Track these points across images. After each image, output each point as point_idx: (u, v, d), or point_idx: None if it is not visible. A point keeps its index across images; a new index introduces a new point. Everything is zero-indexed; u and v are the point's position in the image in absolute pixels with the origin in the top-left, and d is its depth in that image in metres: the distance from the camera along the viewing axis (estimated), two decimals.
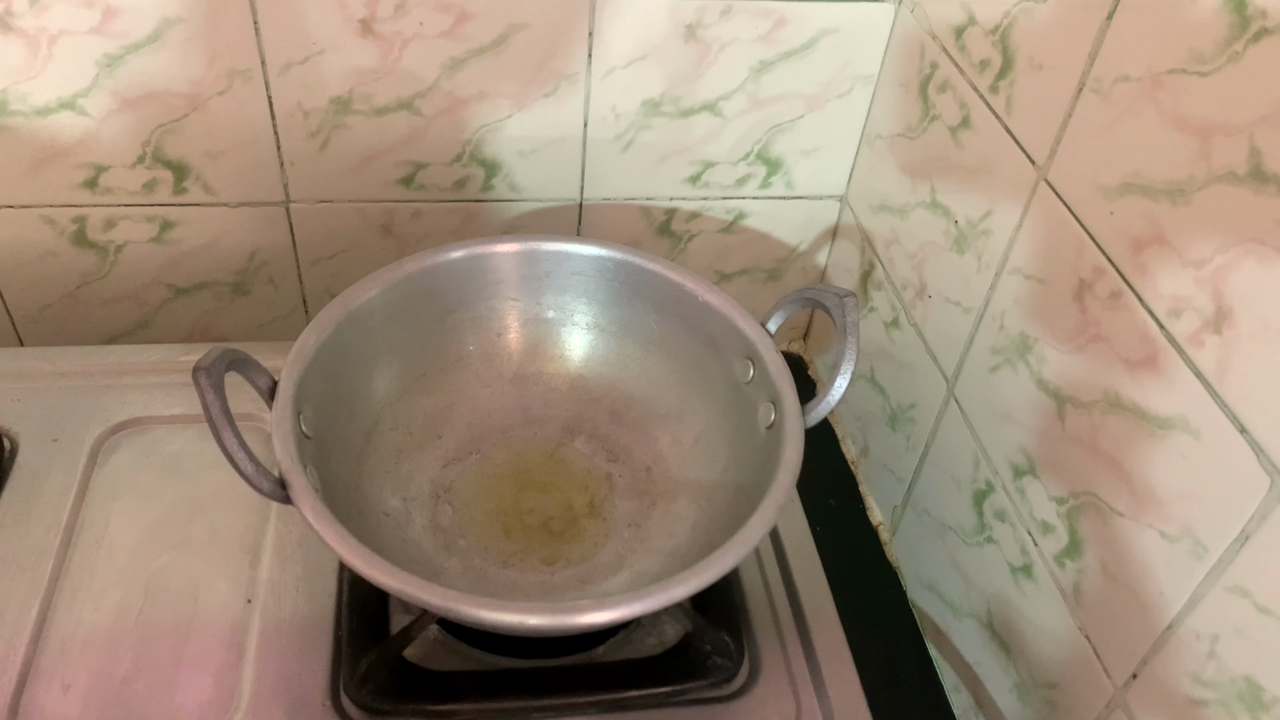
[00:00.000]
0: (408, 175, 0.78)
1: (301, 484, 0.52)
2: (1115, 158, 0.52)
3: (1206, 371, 0.46)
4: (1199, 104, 0.46)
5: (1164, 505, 0.50)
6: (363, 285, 0.64)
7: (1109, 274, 0.53)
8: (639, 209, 0.83)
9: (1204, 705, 0.48)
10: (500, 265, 0.69)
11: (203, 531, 0.63)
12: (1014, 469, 0.62)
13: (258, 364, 0.56)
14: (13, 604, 0.58)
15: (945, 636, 0.72)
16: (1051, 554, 0.59)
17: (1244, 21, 0.44)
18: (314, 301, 0.85)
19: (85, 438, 0.67)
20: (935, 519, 0.73)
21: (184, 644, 0.58)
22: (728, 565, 0.52)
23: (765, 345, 0.63)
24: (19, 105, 0.70)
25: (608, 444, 0.70)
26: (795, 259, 0.90)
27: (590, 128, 0.77)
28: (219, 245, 0.80)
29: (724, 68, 0.75)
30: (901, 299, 0.76)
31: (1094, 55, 0.53)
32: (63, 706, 0.55)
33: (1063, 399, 0.57)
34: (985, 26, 0.63)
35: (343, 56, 0.71)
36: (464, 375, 0.70)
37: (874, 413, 0.83)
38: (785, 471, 0.56)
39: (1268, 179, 0.43)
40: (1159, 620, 0.50)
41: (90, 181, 0.74)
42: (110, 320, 0.83)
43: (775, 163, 0.82)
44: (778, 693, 0.59)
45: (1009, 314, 0.62)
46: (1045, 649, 0.60)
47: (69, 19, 0.66)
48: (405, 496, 0.65)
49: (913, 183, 0.74)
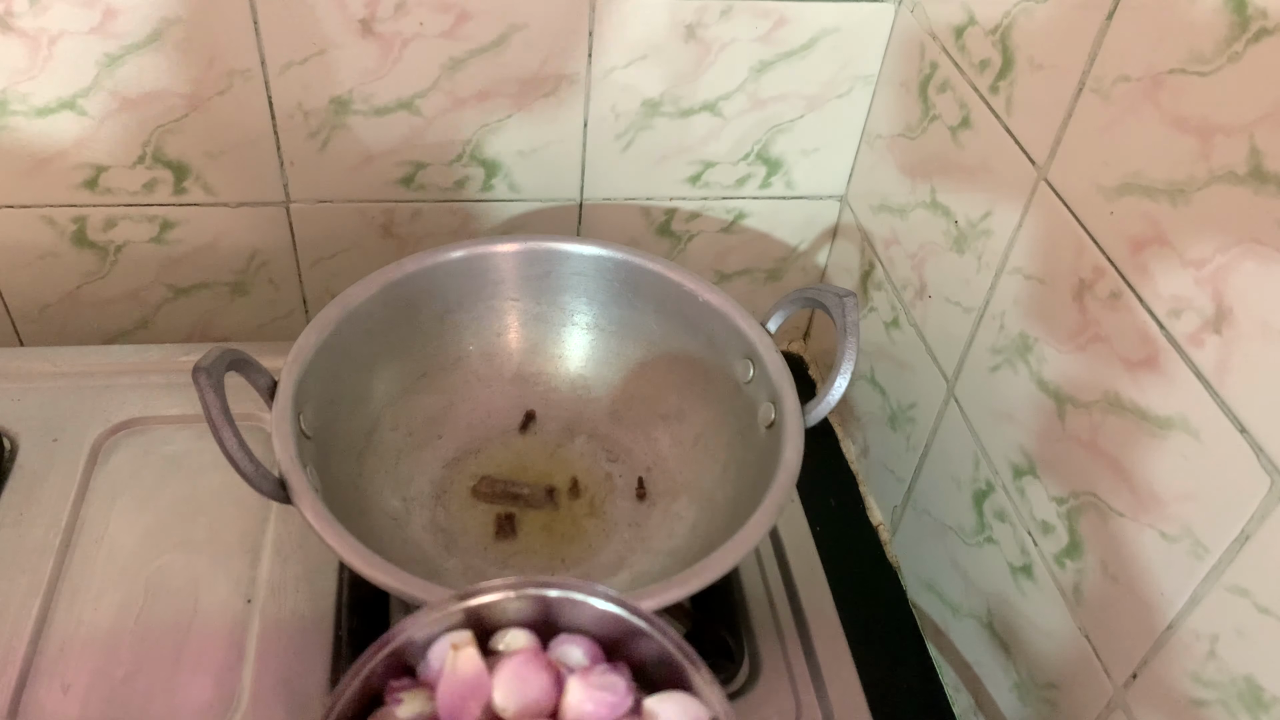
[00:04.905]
0: (408, 175, 0.78)
1: (301, 484, 0.52)
2: (1115, 158, 0.52)
3: (1206, 371, 0.46)
4: (1199, 104, 0.46)
5: (1164, 505, 0.50)
6: (363, 285, 0.64)
7: (1109, 274, 0.53)
8: (639, 209, 0.83)
9: (1204, 705, 0.48)
10: (500, 265, 0.69)
11: (203, 531, 0.63)
12: (1014, 469, 0.62)
13: (258, 364, 0.56)
14: (13, 604, 0.58)
15: (945, 636, 0.72)
16: (1051, 554, 0.59)
17: (1244, 21, 0.44)
18: (314, 301, 0.85)
19: (85, 438, 0.67)
20: (935, 519, 0.73)
21: (184, 644, 0.58)
22: (728, 565, 0.52)
23: (765, 345, 0.63)
24: (19, 105, 0.70)
25: (608, 444, 0.70)
26: (795, 259, 0.90)
27: (590, 128, 0.77)
28: (219, 245, 0.80)
29: (724, 68, 0.75)
30: (901, 299, 0.76)
31: (1094, 55, 0.53)
32: (63, 706, 0.55)
33: (1063, 399, 0.57)
34: (985, 26, 0.63)
35: (343, 56, 0.71)
36: (464, 375, 0.70)
37: (874, 413, 0.83)
38: (785, 471, 0.56)
39: (1268, 179, 0.43)
40: (1159, 620, 0.50)
41: (90, 181, 0.74)
42: (110, 320, 0.83)
43: (775, 163, 0.82)
44: (778, 693, 0.59)
45: (1009, 314, 0.62)
46: (1045, 649, 0.60)
47: (69, 19, 0.66)
48: (405, 496, 0.65)
49: (913, 183, 0.74)
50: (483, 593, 0.38)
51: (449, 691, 0.36)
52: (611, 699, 0.37)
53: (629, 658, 0.39)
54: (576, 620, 0.39)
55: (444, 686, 0.36)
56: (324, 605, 0.60)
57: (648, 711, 0.37)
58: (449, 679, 0.36)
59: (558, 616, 0.39)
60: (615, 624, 0.39)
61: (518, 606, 0.39)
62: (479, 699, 0.36)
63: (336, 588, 0.61)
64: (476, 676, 0.36)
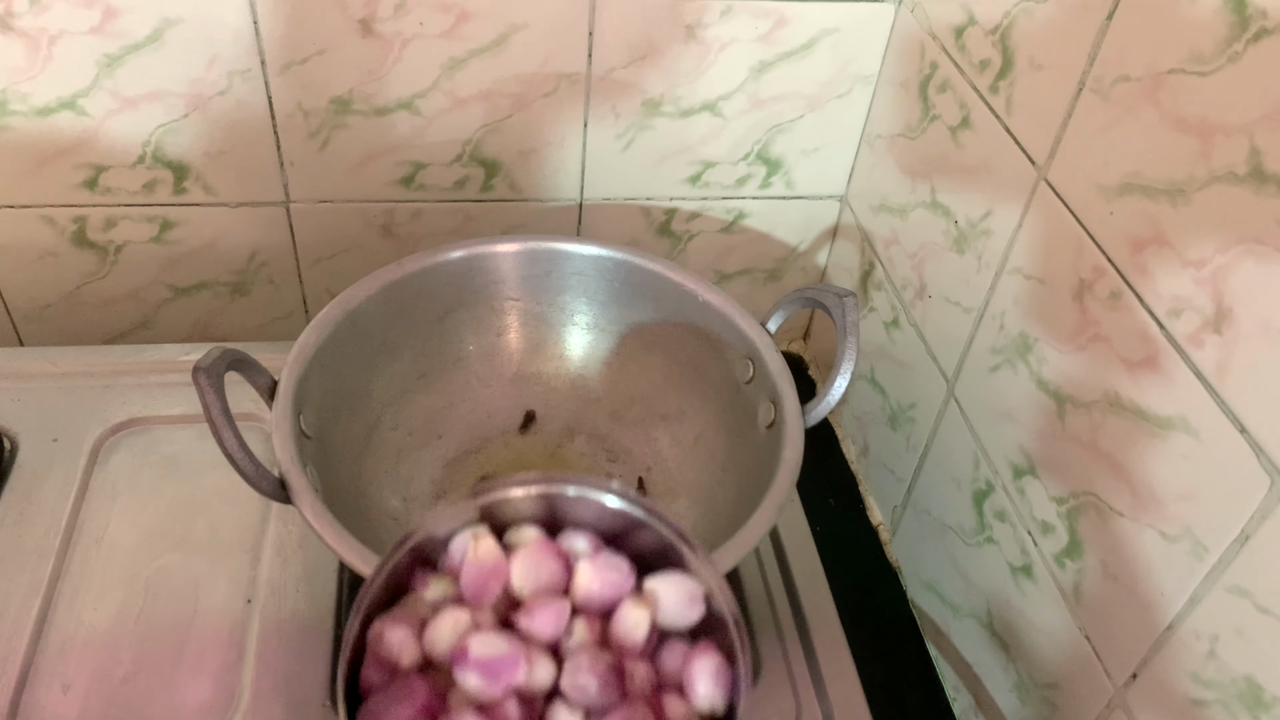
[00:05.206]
0: (408, 175, 0.78)
1: (301, 484, 0.52)
2: (1115, 158, 0.52)
3: (1206, 371, 0.46)
4: (1199, 104, 0.46)
5: (1164, 505, 0.50)
6: (363, 285, 0.64)
7: (1109, 274, 0.53)
8: (639, 209, 0.83)
9: (1204, 705, 0.48)
10: (500, 265, 0.69)
11: (203, 531, 0.63)
12: (1014, 469, 0.62)
13: (258, 364, 0.56)
14: (13, 604, 0.58)
15: (945, 636, 0.72)
16: (1051, 554, 0.59)
17: (1244, 21, 0.44)
18: (314, 301, 0.85)
19: (85, 438, 0.67)
20: (935, 519, 0.73)
21: (184, 644, 0.58)
22: (727, 565, 0.52)
23: (765, 345, 0.63)
24: (19, 105, 0.70)
25: (608, 444, 0.70)
26: (795, 259, 0.90)
27: (590, 128, 0.77)
28: (219, 245, 0.80)
29: (724, 68, 0.75)
30: (901, 299, 0.76)
31: (1094, 55, 0.53)
32: (63, 706, 0.55)
33: (1063, 399, 0.57)
34: (985, 26, 0.63)
35: (343, 56, 0.71)
36: (464, 375, 0.70)
37: (874, 413, 0.83)
38: (785, 471, 0.56)
39: (1268, 179, 0.43)
40: (1159, 620, 0.50)
41: (90, 181, 0.74)
42: (110, 320, 0.83)
43: (775, 163, 0.82)
44: (778, 693, 0.59)
45: (1009, 314, 0.62)
46: (1045, 649, 0.60)
47: (69, 19, 0.66)
48: (405, 496, 0.65)
49: (913, 183, 0.74)
50: (496, 489, 0.42)
51: (472, 575, 0.40)
52: (617, 578, 0.41)
53: (628, 549, 0.43)
54: (581, 517, 0.43)
55: (467, 571, 0.40)
56: (324, 605, 0.60)
57: (648, 589, 0.41)
58: (471, 565, 0.40)
59: (563, 514, 0.43)
60: (616, 518, 0.42)
61: (527, 505, 0.42)
62: (499, 580, 0.40)
63: (336, 588, 0.61)
64: (496, 562, 0.41)
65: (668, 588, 0.41)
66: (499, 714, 0.38)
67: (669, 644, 0.41)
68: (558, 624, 0.40)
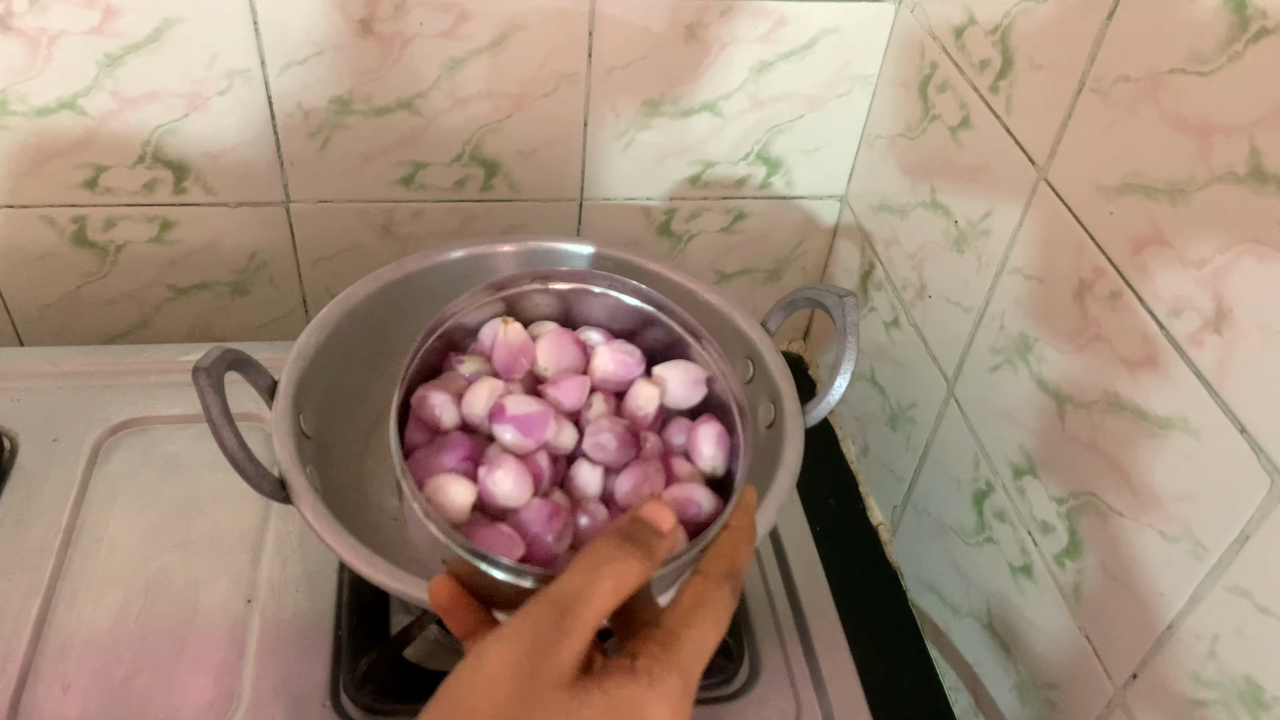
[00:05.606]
0: (408, 175, 0.78)
1: (301, 484, 0.52)
2: (1115, 158, 0.52)
3: (1206, 371, 0.46)
4: (1199, 104, 0.46)
5: (1164, 505, 0.50)
6: (363, 285, 0.64)
7: (1109, 274, 0.53)
8: (639, 209, 0.83)
9: (1204, 705, 0.48)
10: (500, 265, 0.68)
11: (203, 531, 0.63)
12: (1014, 469, 0.62)
13: (258, 364, 0.56)
14: (13, 604, 0.58)
15: (945, 636, 0.72)
16: (1051, 554, 0.59)
17: (1244, 21, 0.44)
18: (314, 301, 0.85)
19: (85, 438, 0.67)
20: (935, 519, 0.73)
21: (184, 644, 0.58)
22: None
23: (765, 345, 0.63)
24: (19, 105, 0.70)
25: None
26: (795, 259, 0.90)
27: (590, 128, 0.77)
28: (219, 245, 0.80)
29: (724, 68, 0.75)
30: (901, 299, 0.76)
31: (1094, 55, 0.53)
32: (63, 706, 0.55)
33: (1063, 399, 0.57)
34: (985, 26, 0.63)
35: (343, 56, 0.71)
36: None
37: (874, 413, 0.83)
38: (785, 471, 0.56)
39: (1268, 179, 0.43)
40: (1159, 620, 0.50)
41: (90, 181, 0.74)
42: (110, 320, 0.83)
43: (775, 163, 0.82)
44: (778, 693, 0.59)
45: (1009, 314, 0.62)
46: (1045, 649, 0.60)
47: (69, 19, 0.66)
48: None
49: (913, 183, 0.74)
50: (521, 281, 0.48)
51: (502, 353, 0.46)
52: (630, 360, 0.46)
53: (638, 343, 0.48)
54: (593, 314, 0.48)
55: (498, 350, 0.46)
56: (324, 605, 0.60)
57: (657, 374, 0.46)
58: (501, 345, 0.46)
59: (578, 313, 0.49)
60: (629, 316, 0.48)
61: (546, 301, 0.48)
62: (527, 358, 0.46)
63: (336, 588, 0.61)
64: (524, 342, 0.46)
65: (674, 372, 0.46)
66: (532, 463, 0.42)
67: (675, 421, 0.46)
68: (579, 395, 0.45)
